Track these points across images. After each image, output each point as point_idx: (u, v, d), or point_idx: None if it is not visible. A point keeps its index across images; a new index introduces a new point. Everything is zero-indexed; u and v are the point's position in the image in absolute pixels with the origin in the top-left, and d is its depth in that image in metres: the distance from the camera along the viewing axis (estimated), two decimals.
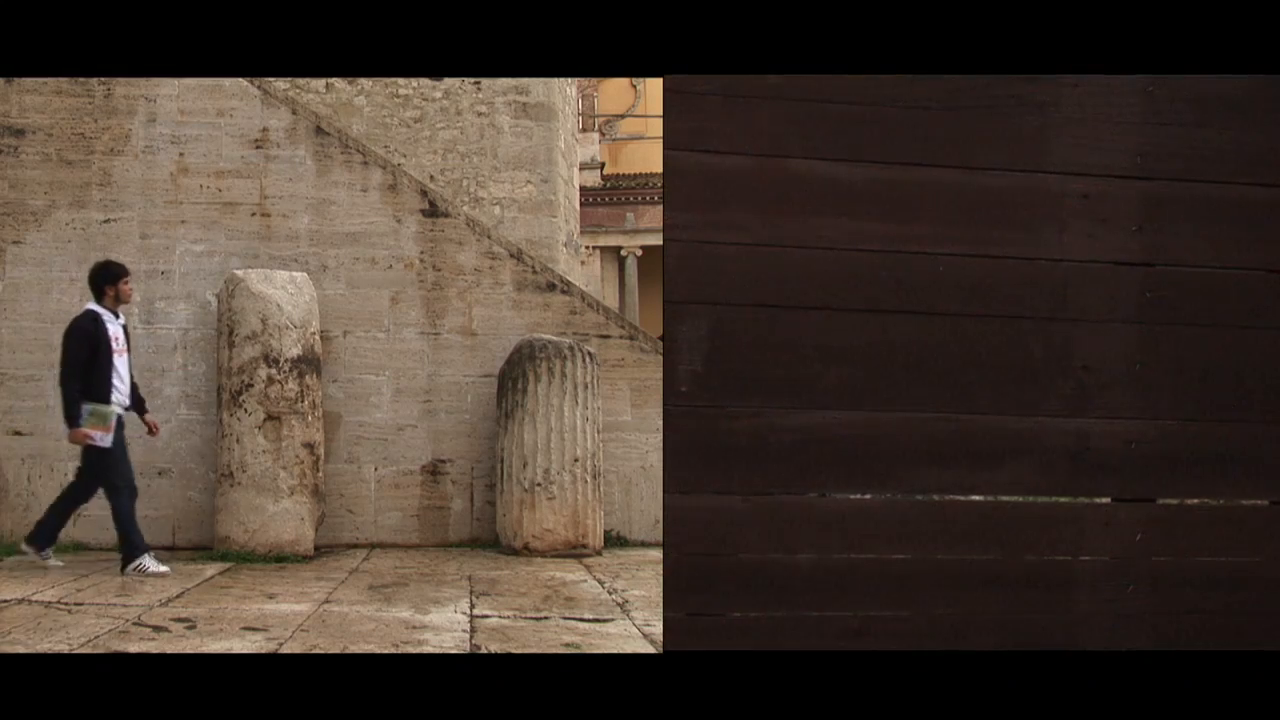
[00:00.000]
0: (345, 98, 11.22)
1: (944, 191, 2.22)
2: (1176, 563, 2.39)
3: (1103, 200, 2.47)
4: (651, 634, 5.00)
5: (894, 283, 2.13)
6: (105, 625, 4.94)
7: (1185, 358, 2.51)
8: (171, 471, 7.76)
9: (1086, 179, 2.40)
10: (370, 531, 7.91)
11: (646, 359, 8.30)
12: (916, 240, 2.23)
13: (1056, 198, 2.41)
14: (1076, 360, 2.47)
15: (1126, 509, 2.03)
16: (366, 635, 4.87)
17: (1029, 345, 2.46)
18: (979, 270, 2.31)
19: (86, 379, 6.58)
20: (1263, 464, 2.45)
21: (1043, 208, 2.40)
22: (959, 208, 2.29)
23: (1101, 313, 2.49)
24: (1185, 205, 2.51)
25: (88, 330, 6.63)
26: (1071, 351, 2.48)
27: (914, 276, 2.23)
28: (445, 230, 8.19)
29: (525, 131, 11.41)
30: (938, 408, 2.18)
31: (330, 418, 7.84)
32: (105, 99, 7.90)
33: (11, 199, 7.79)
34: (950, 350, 2.27)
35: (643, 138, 28.18)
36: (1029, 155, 2.35)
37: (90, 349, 6.61)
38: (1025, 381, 2.43)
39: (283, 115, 8.08)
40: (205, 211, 7.95)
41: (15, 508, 7.65)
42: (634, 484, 8.33)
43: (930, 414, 2.16)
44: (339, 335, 7.98)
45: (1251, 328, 2.50)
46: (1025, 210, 2.36)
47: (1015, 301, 2.43)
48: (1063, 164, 2.39)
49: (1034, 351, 2.46)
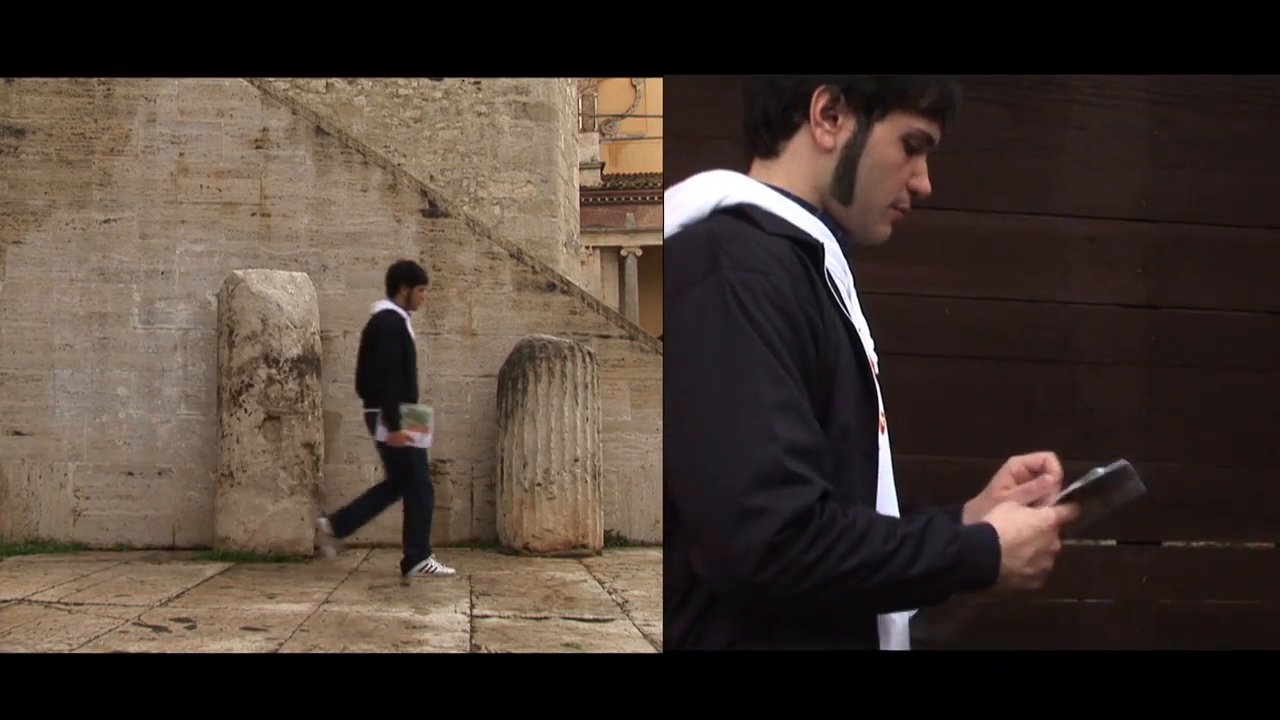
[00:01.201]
0: (345, 98, 11.22)
1: (949, 234, 2.20)
2: (1182, 605, 2.37)
3: (1108, 243, 2.44)
4: (651, 634, 5.00)
5: (898, 325, 2.12)
6: (105, 625, 4.94)
7: (1191, 400, 2.47)
8: (171, 471, 7.76)
9: (1092, 222, 2.38)
10: (370, 531, 7.90)
11: (646, 359, 8.29)
12: (920, 282, 2.21)
13: (1062, 240, 2.39)
14: (1082, 403, 2.45)
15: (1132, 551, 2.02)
16: (366, 635, 4.87)
17: (1034, 388, 2.43)
18: (983, 313, 2.29)
19: (403, 379, 6.46)
20: (1268, 507, 2.43)
21: (1048, 250, 2.38)
22: (964, 250, 2.28)
23: (1107, 355, 2.46)
24: (1191, 248, 2.48)
25: (398, 329, 6.54)
26: (1077, 394, 2.45)
27: (918, 319, 2.22)
28: (445, 230, 8.18)
29: (525, 131, 11.40)
30: (941, 450, 2.17)
31: (330, 418, 7.84)
32: (105, 99, 7.90)
33: (11, 199, 7.79)
34: (954, 393, 2.26)
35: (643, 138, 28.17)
36: (1035, 198, 2.34)
37: (401, 348, 6.52)
38: (1030, 424, 2.41)
39: (283, 115, 8.08)
40: (205, 211, 7.94)
41: (15, 508, 7.65)
42: (634, 484, 8.33)
43: (933, 456, 2.14)
44: (339, 335, 7.98)
45: (1257, 370, 2.47)
46: (1031, 253, 2.34)
47: (1020, 344, 2.41)
48: (1069, 207, 2.37)
49: (1039, 394, 2.44)
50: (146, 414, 7.76)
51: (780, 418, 1.28)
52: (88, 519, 7.64)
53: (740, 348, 1.30)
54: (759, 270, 1.34)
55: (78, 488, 7.67)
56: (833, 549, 1.24)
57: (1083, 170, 2.36)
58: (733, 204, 1.43)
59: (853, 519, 1.26)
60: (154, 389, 7.76)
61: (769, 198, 1.46)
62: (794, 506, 1.24)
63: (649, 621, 5.25)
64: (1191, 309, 2.50)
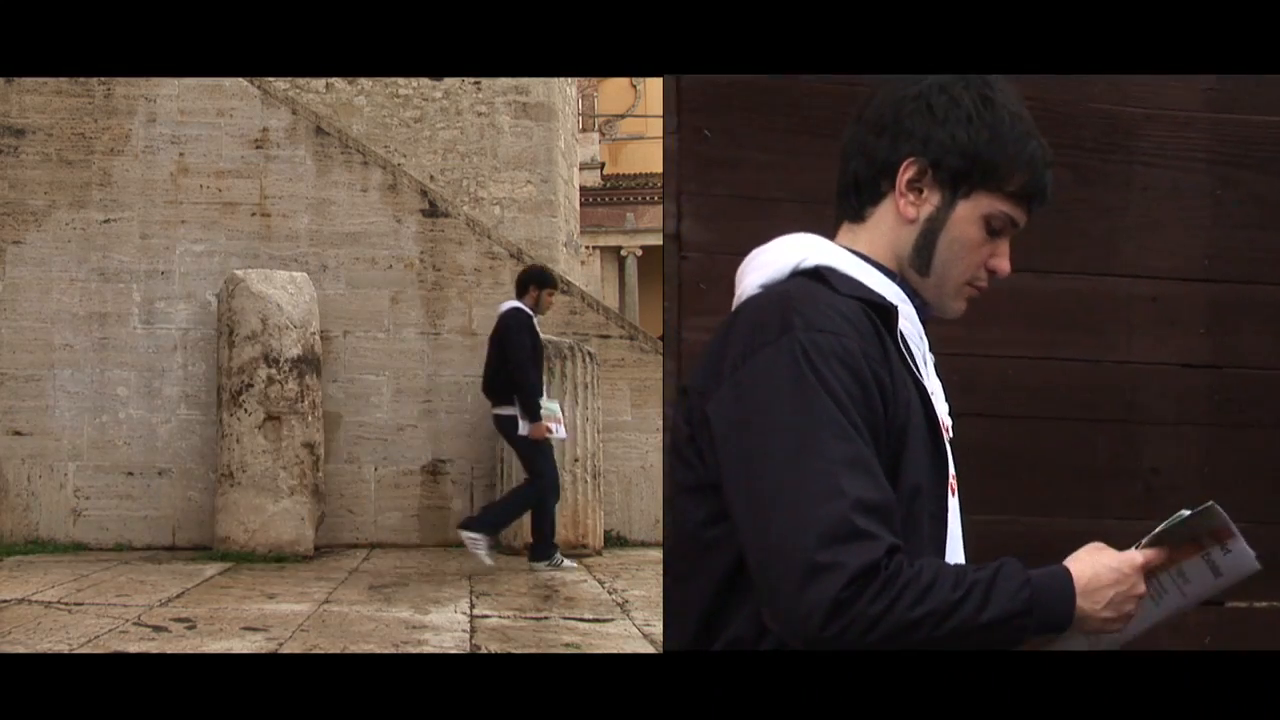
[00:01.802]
0: (345, 98, 11.22)
1: (1013, 295, 2.20)
2: None
3: (1171, 303, 2.43)
4: (651, 634, 5.00)
5: (961, 385, 2.12)
6: (105, 625, 4.94)
7: (1254, 460, 2.46)
8: (171, 471, 7.76)
9: (1155, 282, 2.38)
10: (370, 531, 7.91)
11: (646, 359, 8.29)
12: (984, 344, 2.21)
13: (1125, 300, 2.38)
14: (1145, 463, 2.43)
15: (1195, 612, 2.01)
16: (366, 635, 4.87)
17: (1096, 448, 2.42)
18: (1046, 373, 2.29)
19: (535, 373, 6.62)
20: None
21: (1111, 311, 2.38)
22: (1027, 312, 2.28)
23: (1170, 415, 2.45)
24: (1254, 307, 2.47)
25: (527, 324, 6.71)
26: (1140, 454, 2.44)
27: (982, 379, 2.22)
28: (445, 230, 8.18)
29: (525, 131, 11.40)
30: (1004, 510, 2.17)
31: (330, 418, 7.84)
32: (105, 99, 7.90)
33: (11, 199, 7.79)
34: (1017, 452, 2.25)
35: (643, 138, 28.17)
36: (1098, 259, 2.33)
37: (530, 342, 6.63)
38: (1093, 484, 2.39)
39: (283, 115, 8.08)
40: (205, 211, 7.94)
41: (15, 508, 7.65)
42: (634, 484, 8.33)
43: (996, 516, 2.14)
44: (339, 335, 7.98)
45: None
46: (1093, 314, 2.34)
47: (1083, 404, 2.40)
48: (1131, 267, 2.37)
49: (1101, 454, 2.42)
50: (146, 414, 7.76)
51: (848, 474, 1.29)
52: (88, 519, 7.64)
53: (809, 405, 1.32)
54: (830, 330, 1.36)
55: (78, 488, 7.67)
56: (899, 599, 1.26)
57: (1145, 231, 2.36)
58: (810, 266, 1.46)
59: (919, 569, 1.28)
60: (154, 389, 7.76)
61: (847, 261, 1.48)
62: (861, 561, 1.25)
63: (649, 621, 5.25)
64: (1254, 368, 2.48)
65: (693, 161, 2.28)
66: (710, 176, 2.29)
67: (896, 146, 1.48)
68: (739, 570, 1.38)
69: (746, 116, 2.28)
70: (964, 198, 1.47)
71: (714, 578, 1.41)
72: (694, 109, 2.28)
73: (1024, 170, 1.47)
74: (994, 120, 1.46)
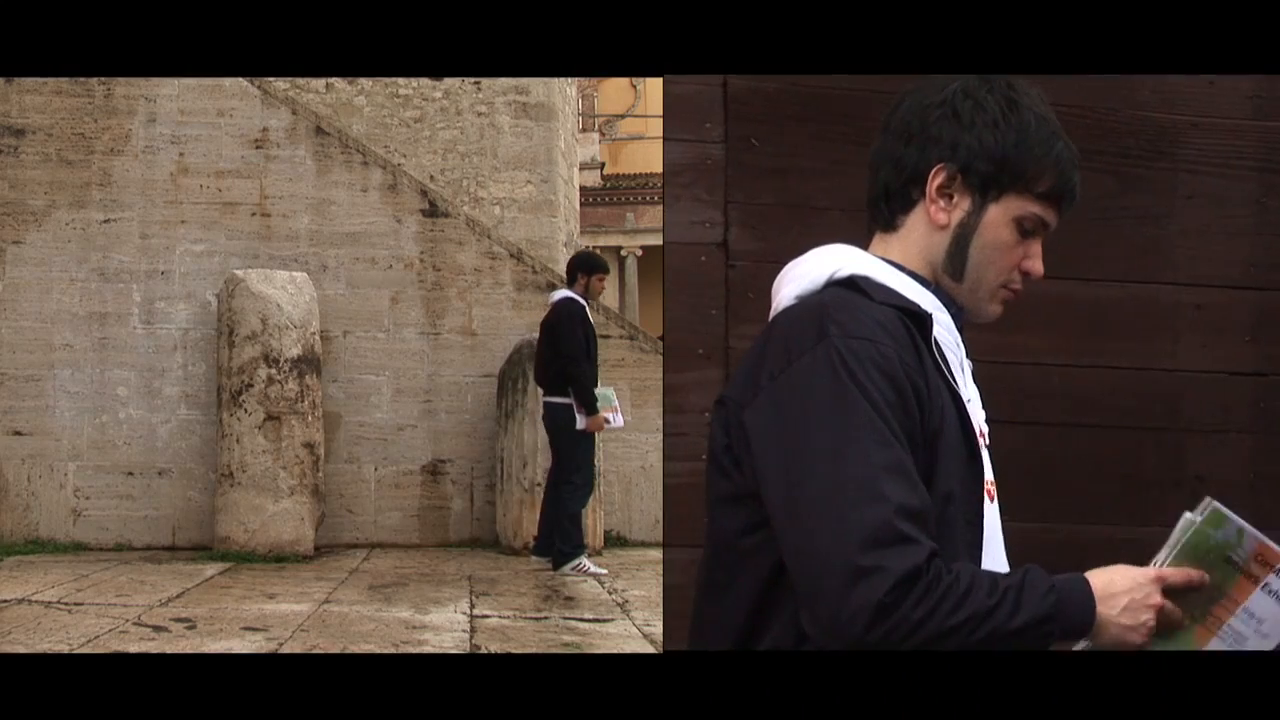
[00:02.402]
0: (345, 98, 11.22)
1: (1058, 302, 2.20)
2: None
3: (1216, 310, 2.42)
4: (651, 634, 5.00)
5: (1005, 393, 2.11)
6: (105, 625, 4.94)
7: None
8: (171, 471, 7.76)
9: (1200, 289, 2.37)
10: (370, 531, 7.91)
11: (646, 359, 8.29)
12: (1029, 351, 2.21)
13: (1170, 308, 2.38)
14: (1190, 470, 2.43)
15: None
16: (366, 635, 4.87)
17: (1142, 455, 2.41)
18: (1091, 380, 2.29)
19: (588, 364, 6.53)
20: None
21: (1156, 318, 2.37)
22: (1072, 318, 2.27)
23: (1215, 423, 2.45)
24: None
25: (579, 313, 6.63)
26: (1184, 462, 2.43)
27: (1026, 386, 2.21)
28: (445, 230, 8.18)
29: (525, 131, 11.40)
30: (1048, 517, 2.17)
31: (330, 418, 7.84)
32: (105, 99, 7.90)
33: (11, 199, 7.79)
34: (1062, 460, 2.25)
35: (643, 138, 28.17)
36: (1143, 267, 2.33)
37: (584, 333, 6.55)
38: (1138, 492, 2.39)
39: (283, 115, 8.08)
40: (205, 211, 7.94)
41: (15, 508, 7.65)
42: (634, 484, 8.32)
43: (1040, 524, 2.14)
44: (339, 335, 7.98)
45: None
46: (1139, 321, 2.34)
47: (1128, 412, 2.39)
48: (1176, 275, 2.36)
49: (1147, 462, 2.42)
50: (146, 414, 7.76)
51: (889, 479, 1.31)
52: (88, 519, 7.64)
53: (848, 411, 1.34)
54: (866, 337, 1.38)
55: (78, 488, 7.67)
56: (940, 605, 1.27)
57: (1190, 238, 2.36)
58: (845, 276, 1.48)
59: (956, 575, 1.30)
60: (154, 389, 7.76)
61: (881, 270, 1.50)
62: (904, 566, 1.27)
63: (649, 621, 5.25)
64: None
65: (740, 170, 2.28)
66: (758, 185, 2.29)
67: (925, 154, 1.49)
68: (778, 578, 1.40)
69: (793, 125, 2.28)
70: (994, 201, 1.48)
71: (753, 586, 1.42)
72: (741, 118, 2.27)
73: (1052, 171, 1.48)
74: (1020, 123, 1.47)
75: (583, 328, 6.60)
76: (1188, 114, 2.32)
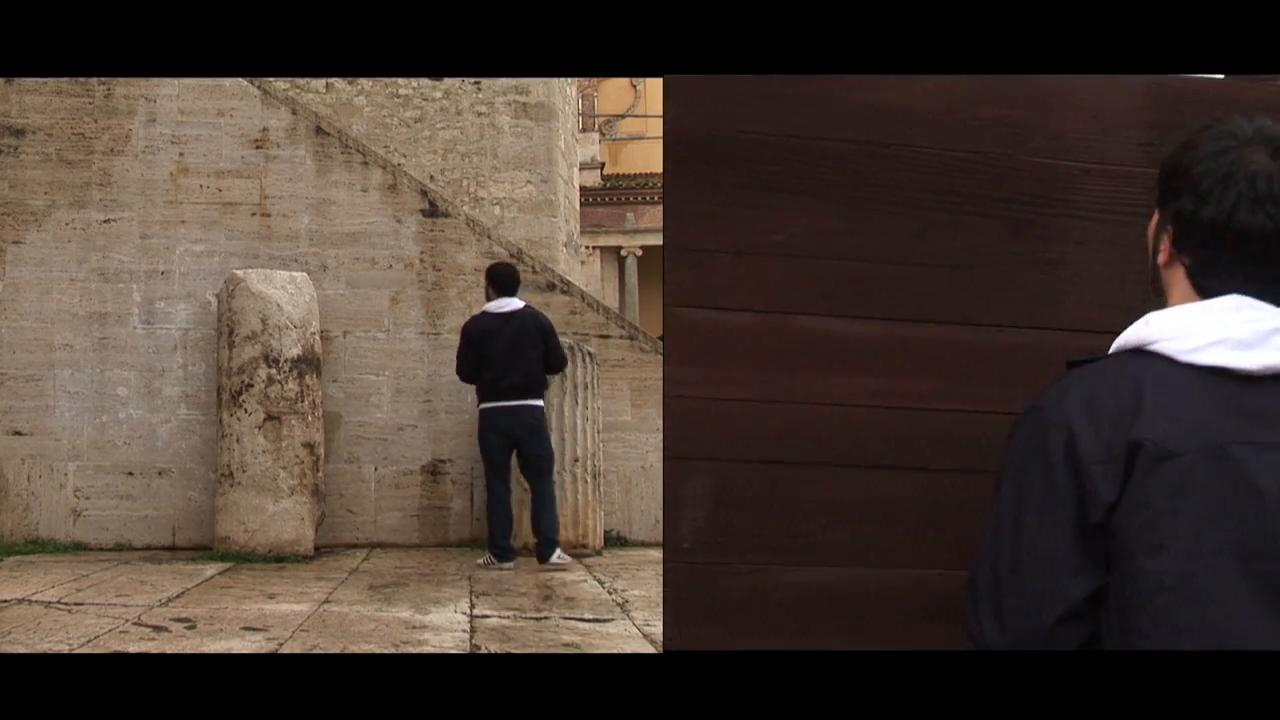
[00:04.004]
0: (345, 98, 11.22)
1: (949, 348, 2.20)
2: None
3: None
4: (651, 634, 5.00)
5: (896, 440, 2.12)
6: (105, 625, 4.94)
7: None
8: (171, 471, 7.76)
9: (1091, 335, 2.38)
10: (370, 531, 7.91)
11: (646, 359, 8.29)
12: (919, 397, 2.21)
13: (1061, 354, 2.38)
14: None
15: None
16: (366, 635, 4.87)
17: None
18: (983, 427, 2.29)
19: None
20: None
21: (1048, 365, 2.38)
22: (963, 365, 2.27)
23: None
24: None
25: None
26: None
27: (917, 432, 2.21)
28: (445, 230, 8.18)
29: (525, 131, 11.40)
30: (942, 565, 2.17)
31: (330, 418, 7.84)
32: (105, 99, 7.90)
33: (11, 199, 7.79)
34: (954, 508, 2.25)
35: (643, 138, 28.18)
36: (1035, 313, 2.33)
37: None
38: None
39: (283, 115, 8.08)
40: (205, 211, 7.94)
41: (15, 508, 7.65)
42: (634, 484, 8.33)
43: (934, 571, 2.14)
44: (339, 335, 7.98)
45: None
46: (1031, 367, 2.34)
47: None
48: (1069, 321, 2.37)
49: None
50: (146, 414, 7.76)
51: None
52: (88, 519, 7.64)
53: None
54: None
55: (78, 488, 7.68)
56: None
57: (1082, 284, 2.36)
58: None
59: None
60: (154, 389, 7.76)
61: None
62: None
63: (649, 621, 5.25)
64: None
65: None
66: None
67: None
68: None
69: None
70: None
71: None
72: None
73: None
74: None
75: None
76: (1080, 160, 2.32)
